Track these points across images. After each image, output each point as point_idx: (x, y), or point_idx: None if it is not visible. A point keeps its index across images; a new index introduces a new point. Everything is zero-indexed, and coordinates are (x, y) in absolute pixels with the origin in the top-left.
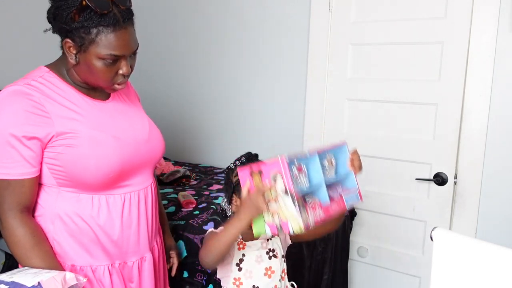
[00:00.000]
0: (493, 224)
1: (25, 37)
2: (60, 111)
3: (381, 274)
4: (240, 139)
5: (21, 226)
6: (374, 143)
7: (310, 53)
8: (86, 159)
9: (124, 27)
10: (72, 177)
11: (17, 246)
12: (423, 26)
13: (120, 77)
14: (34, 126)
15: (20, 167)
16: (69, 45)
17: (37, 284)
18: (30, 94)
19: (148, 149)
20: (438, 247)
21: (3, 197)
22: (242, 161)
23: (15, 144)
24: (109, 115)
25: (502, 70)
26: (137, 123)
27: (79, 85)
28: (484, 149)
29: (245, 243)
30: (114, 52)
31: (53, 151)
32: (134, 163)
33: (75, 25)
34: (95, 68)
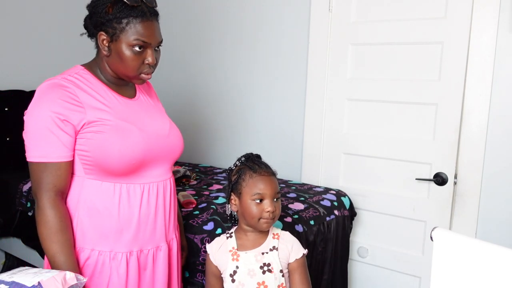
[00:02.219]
0: (493, 224)
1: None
2: (91, 102)
3: (381, 274)
4: (240, 139)
5: (53, 208)
6: (374, 143)
7: (310, 53)
8: (111, 145)
9: (150, 19)
10: (97, 161)
11: (44, 226)
12: (423, 26)
13: (146, 67)
14: (69, 114)
15: (57, 151)
16: (103, 37)
17: (37, 284)
18: (66, 86)
19: (167, 143)
20: (438, 247)
21: (41, 179)
22: (242, 161)
23: (53, 129)
24: (134, 110)
25: (502, 70)
26: (159, 120)
27: (109, 81)
28: (484, 149)
29: (239, 254)
30: (141, 37)
31: (83, 137)
32: (155, 155)
33: (109, 17)
34: (125, 56)
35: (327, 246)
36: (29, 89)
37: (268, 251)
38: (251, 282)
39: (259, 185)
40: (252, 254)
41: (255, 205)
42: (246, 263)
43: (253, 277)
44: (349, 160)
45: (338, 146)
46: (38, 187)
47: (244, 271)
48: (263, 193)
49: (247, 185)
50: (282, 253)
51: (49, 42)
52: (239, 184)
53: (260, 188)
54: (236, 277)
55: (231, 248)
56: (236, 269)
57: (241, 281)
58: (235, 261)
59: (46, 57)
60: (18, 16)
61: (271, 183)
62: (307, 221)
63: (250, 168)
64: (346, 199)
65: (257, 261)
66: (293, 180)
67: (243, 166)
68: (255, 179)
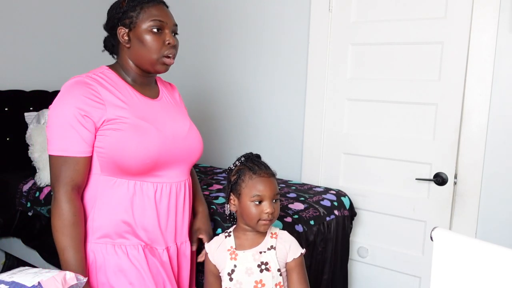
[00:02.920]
0: (493, 224)
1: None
2: (112, 100)
3: (381, 274)
4: (240, 139)
5: (68, 201)
6: (374, 143)
7: (310, 53)
8: (127, 143)
9: (160, 3)
10: (112, 159)
11: (58, 218)
12: (423, 26)
13: (167, 48)
14: (91, 110)
15: (77, 146)
16: (122, 31)
17: (37, 284)
18: (89, 84)
19: (185, 145)
20: (438, 247)
21: (59, 172)
22: (241, 161)
23: (74, 125)
24: (155, 111)
25: (502, 70)
26: (179, 122)
27: (134, 80)
28: (484, 149)
29: (237, 252)
30: (157, 17)
31: (102, 134)
32: (170, 156)
33: (123, 9)
34: (145, 39)
35: (327, 246)
36: (29, 89)
37: (266, 250)
38: (249, 280)
39: (258, 186)
40: (250, 253)
41: (254, 206)
42: (244, 262)
43: (251, 276)
44: (349, 160)
45: (338, 146)
46: (56, 180)
47: (242, 270)
48: (262, 195)
49: (247, 186)
50: (280, 252)
51: (49, 42)
52: (239, 185)
53: (259, 189)
54: (234, 276)
55: (229, 247)
56: (234, 268)
57: (239, 279)
58: (233, 260)
59: (46, 57)
60: (18, 16)
61: (270, 185)
62: (307, 221)
63: (249, 169)
64: (346, 199)
65: (254, 260)
66: (293, 180)
67: (242, 166)
68: (254, 180)
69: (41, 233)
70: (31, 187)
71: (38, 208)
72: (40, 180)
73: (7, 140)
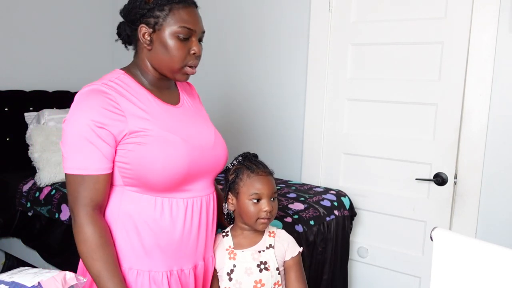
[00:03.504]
0: (493, 224)
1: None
2: (133, 110)
3: (381, 274)
4: (240, 139)
5: (91, 223)
6: (374, 143)
7: (310, 53)
8: (154, 158)
9: (192, 6)
10: (138, 175)
11: (84, 244)
12: (423, 26)
13: (192, 58)
14: (110, 122)
15: (97, 162)
16: (144, 30)
17: (37, 284)
18: (107, 93)
19: (212, 156)
20: (438, 247)
21: (78, 193)
22: (239, 160)
23: (93, 139)
24: (179, 119)
25: (502, 70)
26: (204, 130)
27: (151, 84)
28: (484, 149)
29: (236, 252)
30: (186, 24)
31: (123, 148)
32: (199, 168)
33: (149, 6)
34: (169, 46)
35: (327, 246)
36: (29, 89)
37: (265, 249)
38: (248, 280)
39: (256, 184)
40: (249, 253)
41: (253, 205)
42: (243, 261)
43: (250, 276)
44: (349, 160)
45: (338, 146)
46: (75, 201)
47: (241, 270)
48: (260, 193)
49: (245, 184)
50: (278, 251)
51: (49, 42)
52: (237, 184)
53: (257, 188)
54: (233, 276)
55: (227, 247)
56: (233, 268)
57: (238, 279)
58: (232, 259)
59: (47, 57)
60: (18, 16)
61: (268, 183)
62: (307, 221)
63: (247, 168)
64: (346, 199)
65: (253, 259)
66: (293, 180)
67: (240, 165)
68: (252, 178)
69: (41, 233)
70: (31, 187)
71: (38, 208)
72: (40, 180)
73: (7, 140)
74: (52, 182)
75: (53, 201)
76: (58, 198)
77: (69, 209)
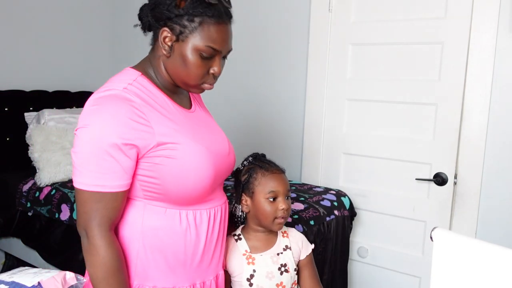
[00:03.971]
0: (493, 224)
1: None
2: (159, 120)
3: (381, 274)
4: (240, 139)
5: (109, 246)
6: (374, 143)
7: (310, 53)
8: (186, 172)
9: (226, 22)
10: (166, 190)
11: (99, 268)
12: (423, 26)
13: (210, 77)
14: (136, 135)
15: (117, 179)
16: (165, 34)
17: (37, 284)
18: (131, 100)
19: (228, 162)
20: (438, 247)
21: (94, 212)
22: (249, 160)
23: (115, 153)
24: (197, 125)
25: (502, 70)
26: (218, 136)
27: (165, 86)
28: (484, 149)
29: (254, 256)
30: (213, 45)
31: (149, 161)
32: (219, 177)
33: (179, 12)
34: (189, 61)
35: (327, 246)
36: (29, 89)
37: (282, 251)
38: (270, 284)
39: (272, 183)
40: (268, 256)
41: (269, 204)
42: (263, 265)
43: (272, 279)
44: (349, 160)
45: (338, 146)
46: (89, 220)
47: (262, 274)
48: (276, 191)
49: (260, 183)
50: (295, 252)
51: (49, 42)
52: (251, 184)
53: (273, 186)
54: (254, 281)
55: (243, 252)
56: (253, 273)
57: (259, 284)
58: (251, 264)
59: (46, 57)
60: (18, 16)
61: (283, 181)
62: (307, 221)
63: (261, 167)
64: (346, 199)
65: (273, 262)
66: (293, 180)
67: (252, 165)
68: (267, 177)
69: (41, 233)
70: (31, 187)
71: (38, 208)
72: (40, 180)
73: (7, 140)
74: (52, 182)
75: (53, 201)
76: (58, 198)
77: (79, 228)
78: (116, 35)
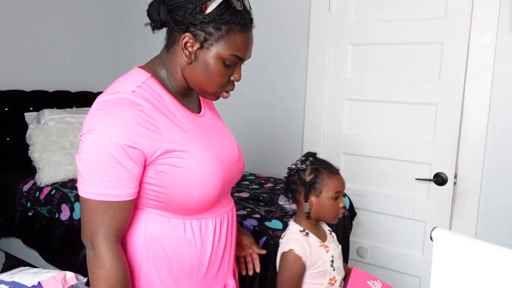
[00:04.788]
0: (493, 224)
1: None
2: (167, 126)
3: (381, 274)
4: (240, 139)
5: (115, 259)
6: (374, 143)
7: (310, 53)
8: (194, 182)
9: (250, 30)
10: (170, 199)
11: (105, 282)
12: (423, 26)
13: (230, 84)
14: (145, 142)
15: (126, 187)
16: (187, 40)
17: (37, 284)
18: (139, 105)
19: (237, 169)
20: (438, 247)
21: (101, 221)
22: (311, 160)
23: (122, 160)
24: (206, 130)
25: (502, 70)
26: (228, 142)
27: (175, 90)
28: (484, 149)
29: (327, 244)
30: (237, 53)
31: (154, 169)
32: (227, 185)
33: (204, 19)
34: (212, 69)
35: None
36: (29, 89)
37: (332, 234)
38: (340, 262)
39: (337, 183)
40: (331, 241)
41: (333, 202)
42: (333, 250)
43: (340, 258)
44: (349, 160)
45: (338, 146)
46: (95, 231)
47: (336, 257)
48: (340, 191)
49: (327, 184)
50: None
51: (50, 42)
52: (318, 184)
53: (338, 186)
54: (334, 264)
55: (318, 243)
56: (332, 258)
57: (336, 265)
58: (328, 252)
59: (47, 57)
60: (18, 16)
61: (343, 181)
62: None
63: (325, 168)
64: (346, 199)
65: (336, 245)
66: None
67: (315, 166)
68: (333, 178)
69: (41, 233)
70: (31, 187)
71: (38, 208)
72: (40, 180)
73: (7, 140)
74: (52, 182)
75: (53, 201)
76: (58, 198)
77: (84, 239)
78: (116, 35)
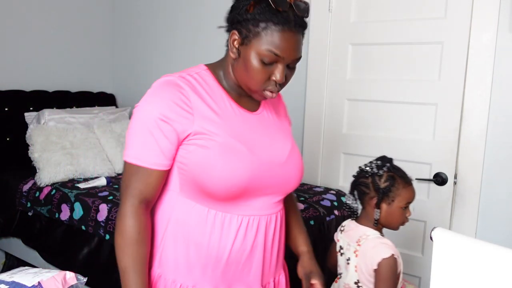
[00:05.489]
0: (493, 224)
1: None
2: (203, 110)
3: None
4: None
5: (133, 217)
6: (374, 143)
7: (310, 53)
8: (213, 164)
9: (293, 31)
10: (194, 179)
11: (120, 235)
12: (423, 26)
13: (272, 84)
14: (176, 118)
15: (153, 157)
16: (234, 37)
17: (37, 284)
18: (180, 87)
19: (282, 173)
20: (438, 247)
21: (130, 182)
22: (388, 167)
23: (154, 132)
24: (251, 127)
25: (502, 70)
26: (279, 143)
27: (231, 87)
28: (484, 149)
29: None
30: (273, 49)
31: (185, 149)
32: (263, 185)
33: (247, 16)
34: (251, 65)
35: (327, 246)
36: (29, 89)
37: None
38: None
39: (410, 195)
40: None
41: (402, 211)
42: None
43: None
44: (349, 160)
45: (337, 146)
46: (125, 190)
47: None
48: (411, 202)
49: (401, 194)
50: None
51: (50, 42)
52: (393, 192)
53: (411, 197)
54: None
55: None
56: None
57: None
58: None
59: (46, 57)
60: (18, 17)
61: (415, 192)
62: (307, 221)
63: (400, 177)
64: None
65: None
66: None
67: (391, 173)
68: (407, 189)
69: (41, 233)
70: (31, 187)
71: (38, 208)
72: (40, 180)
73: (7, 140)
74: (52, 182)
75: (53, 201)
76: (58, 198)
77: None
78: (116, 35)
